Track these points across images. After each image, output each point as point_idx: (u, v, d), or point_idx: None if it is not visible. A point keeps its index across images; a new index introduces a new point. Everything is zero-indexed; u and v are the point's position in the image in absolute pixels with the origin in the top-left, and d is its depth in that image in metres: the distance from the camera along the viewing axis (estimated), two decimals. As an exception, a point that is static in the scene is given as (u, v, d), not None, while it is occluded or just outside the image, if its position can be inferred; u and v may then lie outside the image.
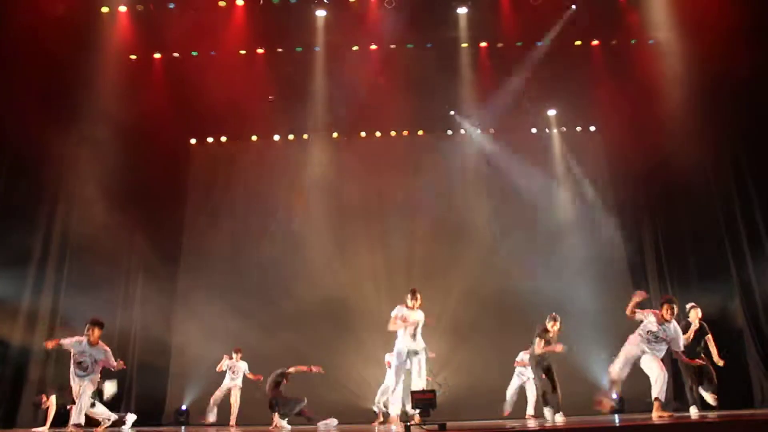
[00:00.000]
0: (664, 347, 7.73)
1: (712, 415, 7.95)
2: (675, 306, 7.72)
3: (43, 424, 9.28)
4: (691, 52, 11.21)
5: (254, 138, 14.93)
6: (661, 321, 7.62)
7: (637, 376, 11.96)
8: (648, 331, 7.68)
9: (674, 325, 7.73)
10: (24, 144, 10.85)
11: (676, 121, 11.58)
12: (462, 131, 14.71)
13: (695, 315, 8.77)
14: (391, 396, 8.72)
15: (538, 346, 8.69)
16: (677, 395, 12.01)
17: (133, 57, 12.81)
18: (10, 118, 10.48)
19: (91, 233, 11.49)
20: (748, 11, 10.32)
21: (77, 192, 11.76)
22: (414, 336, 8.37)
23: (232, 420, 11.18)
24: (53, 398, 9.36)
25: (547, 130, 14.73)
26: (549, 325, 8.79)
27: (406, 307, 8.43)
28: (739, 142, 11.43)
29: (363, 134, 14.99)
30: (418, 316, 8.44)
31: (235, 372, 11.32)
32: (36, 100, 10.47)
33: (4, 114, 10.43)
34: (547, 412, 8.78)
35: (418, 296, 8.44)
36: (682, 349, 7.90)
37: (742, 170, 11.26)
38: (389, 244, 13.98)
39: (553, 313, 8.89)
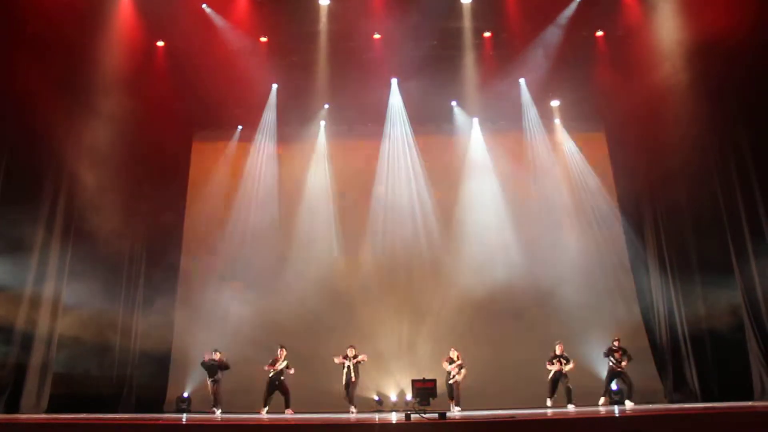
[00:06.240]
0: None
1: (713, 406, 7.97)
2: None
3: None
4: (694, 39, 11.14)
5: (256, 128, 14.69)
6: None
7: (635, 370, 12.06)
8: None
9: None
10: (26, 130, 10.82)
11: (679, 113, 11.54)
12: (463, 123, 14.66)
13: None
14: None
15: None
16: (677, 386, 12.04)
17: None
18: (12, 103, 10.44)
19: (94, 219, 11.49)
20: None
21: (79, 177, 11.70)
22: None
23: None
24: None
25: (549, 121, 14.65)
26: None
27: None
28: (742, 134, 11.34)
29: (365, 126, 14.89)
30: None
31: None
32: (39, 85, 10.39)
33: (6, 99, 10.39)
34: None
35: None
36: None
37: (746, 162, 11.18)
38: (391, 236, 13.97)
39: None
